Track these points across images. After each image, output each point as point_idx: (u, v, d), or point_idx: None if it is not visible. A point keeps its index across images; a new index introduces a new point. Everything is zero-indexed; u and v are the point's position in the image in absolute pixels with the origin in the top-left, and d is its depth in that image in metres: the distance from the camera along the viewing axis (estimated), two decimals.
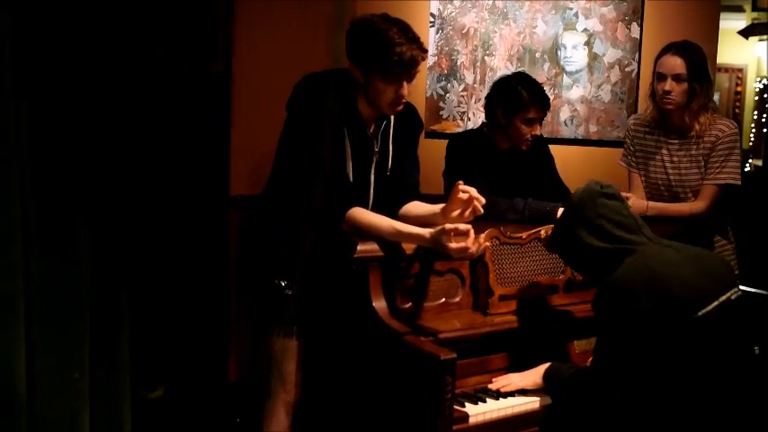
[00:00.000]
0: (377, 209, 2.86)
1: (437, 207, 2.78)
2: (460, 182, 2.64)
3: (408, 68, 2.69)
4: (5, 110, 2.26)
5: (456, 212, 2.67)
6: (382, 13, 2.76)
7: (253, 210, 3.44)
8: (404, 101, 2.77)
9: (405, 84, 2.72)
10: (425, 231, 2.59)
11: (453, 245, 2.53)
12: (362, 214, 2.71)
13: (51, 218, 2.49)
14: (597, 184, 2.58)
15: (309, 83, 2.80)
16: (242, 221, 3.75)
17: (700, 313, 2.33)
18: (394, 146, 2.90)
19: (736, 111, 10.26)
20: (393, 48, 2.63)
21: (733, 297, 2.39)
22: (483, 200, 2.63)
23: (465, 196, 2.63)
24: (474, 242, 2.53)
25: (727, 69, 10.16)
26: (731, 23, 9.25)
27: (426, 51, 2.76)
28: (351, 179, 2.78)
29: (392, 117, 2.88)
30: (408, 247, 2.66)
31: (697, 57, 3.33)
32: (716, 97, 9.78)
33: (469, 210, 2.64)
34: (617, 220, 2.52)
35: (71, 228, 2.56)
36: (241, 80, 3.62)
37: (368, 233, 2.67)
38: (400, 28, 2.68)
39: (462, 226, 2.55)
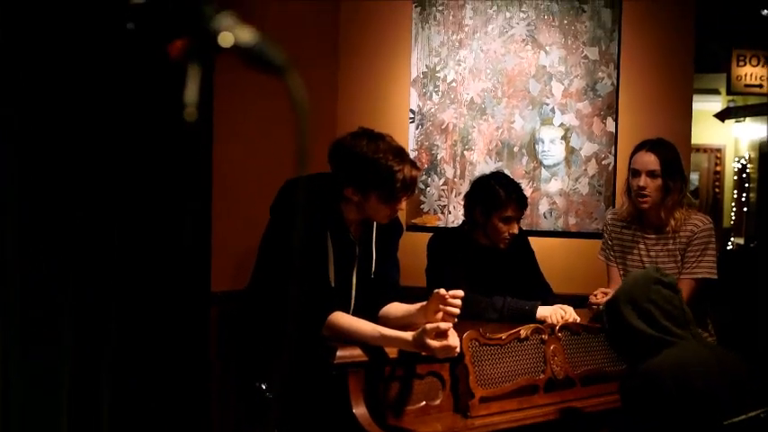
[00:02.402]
0: (358, 311, 2.89)
1: (415, 307, 2.82)
2: (441, 290, 2.67)
3: (410, 187, 2.77)
4: None
5: (435, 313, 2.70)
6: (361, 129, 2.80)
7: (233, 307, 3.45)
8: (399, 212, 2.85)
9: (404, 199, 2.80)
10: (408, 335, 2.61)
11: (436, 343, 2.55)
12: (344, 319, 2.72)
13: (31, 307, 2.48)
14: (657, 271, 2.61)
15: (293, 187, 2.85)
16: (223, 318, 3.76)
17: (726, 423, 2.33)
18: (378, 253, 2.93)
19: (716, 190, 10.41)
20: (395, 174, 2.69)
21: (762, 416, 2.39)
22: (457, 305, 2.65)
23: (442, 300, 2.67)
24: (456, 339, 2.57)
25: (706, 150, 10.34)
26: (709, 105, 9.46)
27: (418, 167, 2.84)
28: (332, 284, 2.80)
29: (374, 225, 2.93)
30: (389, 351, 2.67)
31: (670, 154, 3.41)
32: (696, 177, 9.98)
33: (445, 311, 2.67)
34: (666, 310, 2.52)
35: (50, 331, 2.55)
36: (222, 176, 3.67)
37: (349, 338, 2.68)
38: (393, 150, 2.73)
39: (443, 325, 2.58)
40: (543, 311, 3.11)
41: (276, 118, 3.82)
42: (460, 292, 2.70)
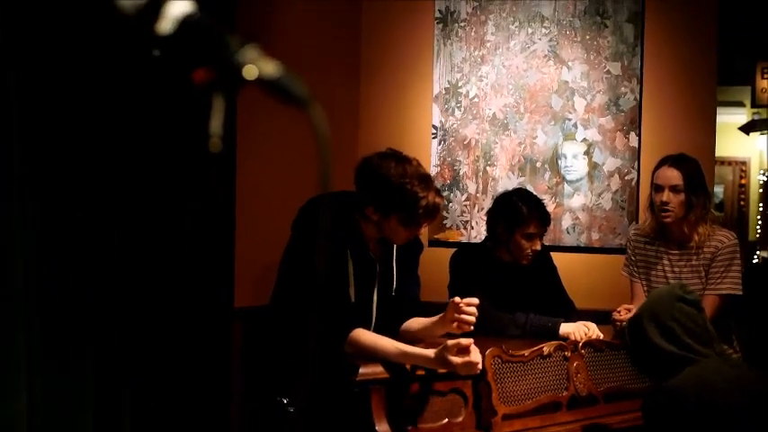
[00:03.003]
0: (379, 328, 2.90)
1: (433, 319, 2.86)
2: (455, 298, 2.70)
3: (433, 214, 2.79)
4: (12, 243, 2.31)
5: (452, 323, 2.75)
6: (390, 150, 2.82)
7: (255, 323, 3.47)
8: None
9: (424, 225, 2.82)
10: (429, 352, 2.62)
11: (458, 360, 2.56)
12: (365, 336, 2.73)
13: (55, 337, 2.51)
14: (681, 289, 2.60)
15: (315, 205, 2.87)
16: (246, 333, 3.78)
17: None
18: (397, 268, 2.94)
19: (741, 203, 10.32)
20: (419, 201, 2.70)
21: None
22: (472, 312, 2.68)
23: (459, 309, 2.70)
24: (478, 355, 2.59)
25: (730, 162, 10.26)
26: (733, 117, 9.39)
27: (442, 195, 2.86)
28: (353, 300, 2.81)
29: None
30: (411, 368, 2.68)
31: (693, 169, 3.39)
32: (720, 190, 9.91)
33: (460, 320, 2.70)
34: (689, 327, 2.51)
35: (73, 351, 2.58)
36: (245, 192, 3.70)
37: (371, 355, 2.69)
38: (420, 177, 2.74)
39: (464, 341, 2.59)
40: (566, 328, 3.10)
41: (299, 136, 3.85)
42: (475, 300, 2.71)
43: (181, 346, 3.28)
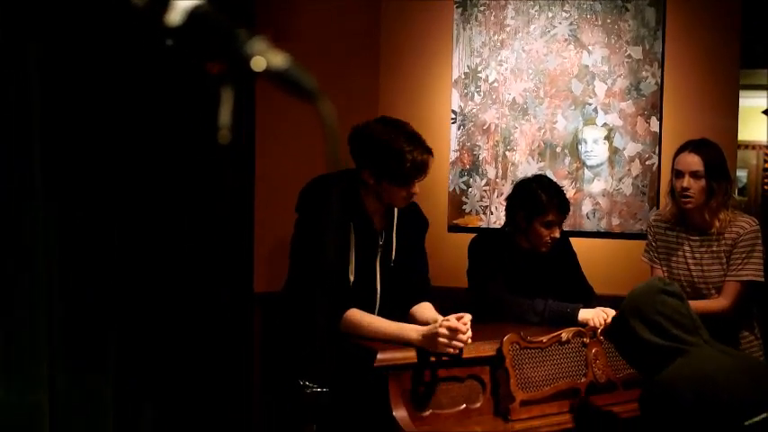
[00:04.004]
0: (385, 303, 2.95)
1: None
2: (449, 321, 2.69)
3: (421, 170, 2.82)
4: (34, 229, 2.33)
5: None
6: (381, 117, 2.93)
7: (273, 308, 3.50)
8: (415, 196, 2.90)
9: (416, 183, 2.85)
10: (419, 333, 2.67)
11: (444, 340, 2.63)
12: (358, 315, 2.78)
13: (76, 329, 2.54)
14: (661, 281, 2.63)
15: (315, 184, 2.92)
16: (265, 318, 3.80)
17: (747, 423, 2.31)
18: (400, 243, 2.98)
19: (765, 187, 10.21)
20: (405, 156, 2.76)
21: None
22: (466, 337, 2.68)
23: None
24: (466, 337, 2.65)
25: (754, 146, 10.14)
26: (757, 101, 9.28)
27: (431, 151, 2.87)
28: (351, 279, 2.85)
29: (396, 211, 2.97)
30: (429, 354, 2.68)
31: (714, 155, 3.36)
32: (744, 174, 9.81)
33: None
34: (674, 319, 2.53)
35: (96, 339, 2.61)
36: (263, 178, 3.71)
37: (364, 335, 2.74)
38: (406, 134, 2.82)
39: (453, 323, 2.64)
40: (585, 314, 3.08)
41: (317, 124, 3.86)
42: (467, 318, 2.71)
43: (201, 333, 3.31)
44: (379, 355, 2.60)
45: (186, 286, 3.14)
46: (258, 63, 0.77)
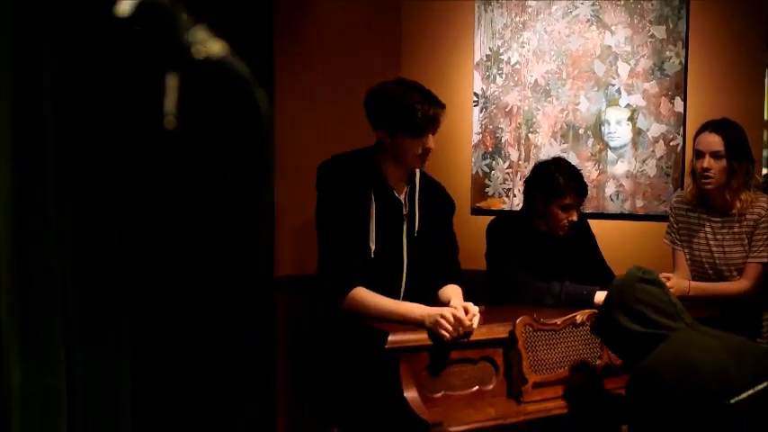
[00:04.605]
0: (414, 274, 2.98)
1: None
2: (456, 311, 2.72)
3: (432, 122, 2.87)
4: (46, 201, 2.36)
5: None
6: (396, 78, 3.01)
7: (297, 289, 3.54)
8: (430, 153, 2.92)
9: (430, 136, 2.87)
10: (423, 312, 2.71)
11: (444, 323, 2.65)
12: (363, 294, 2.79)
13: (92, 309, 2.57)
14: (639, 270, 2.63)
15: (332, 159, 2.98)
16: (288, 301, 3.83)
17: (732, 401, 2.30)
18: (424, 215, 3.00)
19: None
20: (415, 105, 2.82)
21: None
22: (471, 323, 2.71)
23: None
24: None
25: None
26: None
27: (444, 107, 2.92)
28: (373, 248, 2.87)
29: (417, 181, 2.99)
30: (441, 336, 2.69)
31: (735, 135, 3.32)
32: None
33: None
34: (655, 305, 2.54)
35: (112, 318, 2.64)
36: (285, 156, 3.73)
37: (368, 314, 2.77)
38: (417, 90, 2.89)
39: (459, 314, 2.66)
40: (601, 296, 3.06)
41: (338, 105, 3.88)
42: (475, 311, 2.72)
43: (222, 316, 3.35)
44: (391, 337, 2.62)
45: (206, 268, 3.18)
46: (198, 51, 0.79)
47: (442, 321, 2.65)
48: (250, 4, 3.45)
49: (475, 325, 2.69)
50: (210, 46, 0.84)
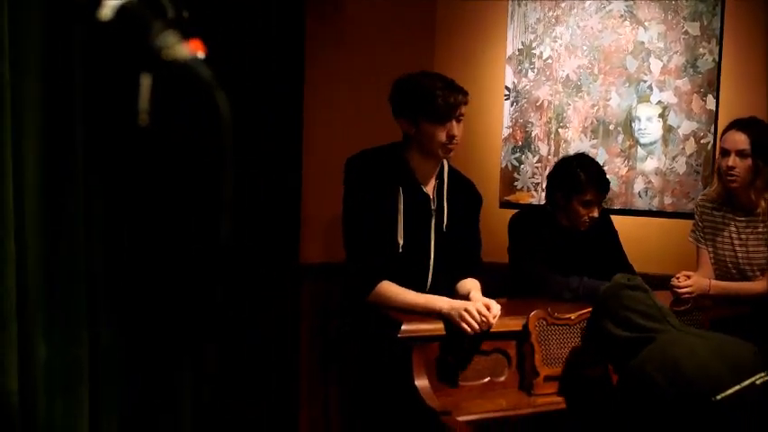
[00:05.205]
0: (438, 269, 3.01)
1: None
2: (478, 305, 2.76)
3: (454, 108, 2.88)
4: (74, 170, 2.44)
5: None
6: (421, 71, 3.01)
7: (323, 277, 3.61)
8: (456, 141, 2.91)
9: (454, 124, 2.88)
10: (449, 303, 2.75)
11: (467, 317, 2.69)
12: (388, 287, 2.83)
13: (117, 280, 2.66)
14: (623, 278, 2.70)
15: (359, 154, 3.00)
16: (314, 290, 3.90)
17: (718, 397, 2.33)
18: (452, 209, 3.01)
19: None
20: (437, 91, 2.84)
21: (758, 382, 2.37)
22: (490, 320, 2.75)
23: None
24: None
25: None
26: None
27: (467, 94, 2.94)
28: (401, 243, 2.90)
29: (446, 176, 3.01)
30: (463, 330, 2.73)
31: (762, 133, 3.30)
32: None
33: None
34: (641, 311, 2.60)
35: (137, 299, 2.73)
36: (312, 148, 3.80)
37: (393, 306, 2.80)
38: (439, 77, 2.93)
39: (483, 310, 2.70)
40: None
41: (365, 95, 3.92)
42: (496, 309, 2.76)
43: (248, 303, 3.43)
44: (404, 326, 2.67)
45: (232, 257, 3.25)
46: (166, 54, 0.85)
47: (466, 315, 2.68)
48: None
49: (494, 321, 2.73)
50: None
